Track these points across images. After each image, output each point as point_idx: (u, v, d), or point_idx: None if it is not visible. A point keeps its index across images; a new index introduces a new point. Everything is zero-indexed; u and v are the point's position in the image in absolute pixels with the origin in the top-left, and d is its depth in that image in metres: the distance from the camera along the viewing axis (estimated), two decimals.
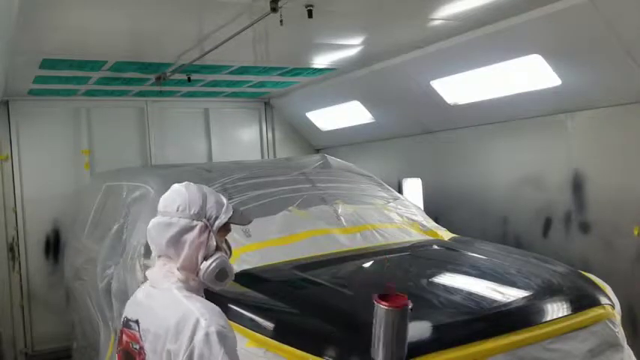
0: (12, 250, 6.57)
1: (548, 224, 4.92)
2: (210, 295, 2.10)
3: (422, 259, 3.57)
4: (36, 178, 6.63)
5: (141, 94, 6.81)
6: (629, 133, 4.26)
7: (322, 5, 3.69)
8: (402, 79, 5.61)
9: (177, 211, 2.01)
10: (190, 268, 2.00)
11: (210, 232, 2.01)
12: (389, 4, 3.87)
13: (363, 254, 3.59)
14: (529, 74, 4.54)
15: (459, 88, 5.30)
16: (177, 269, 1.99)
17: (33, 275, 6.65)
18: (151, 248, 2.11)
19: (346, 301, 2.91)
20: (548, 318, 2.77)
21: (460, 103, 5.42)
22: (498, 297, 2.93)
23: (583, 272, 3.43)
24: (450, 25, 4.37)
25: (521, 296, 2.96)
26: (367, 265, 3.51)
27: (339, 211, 4.00)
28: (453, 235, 4.26)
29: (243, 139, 7.98)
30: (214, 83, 6.46)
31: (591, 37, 3.87)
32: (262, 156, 8.03)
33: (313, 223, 3.78)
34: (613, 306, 3.06)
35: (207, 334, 1.79)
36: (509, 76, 4.73)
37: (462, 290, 3.02)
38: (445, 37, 4.67)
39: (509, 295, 2.95)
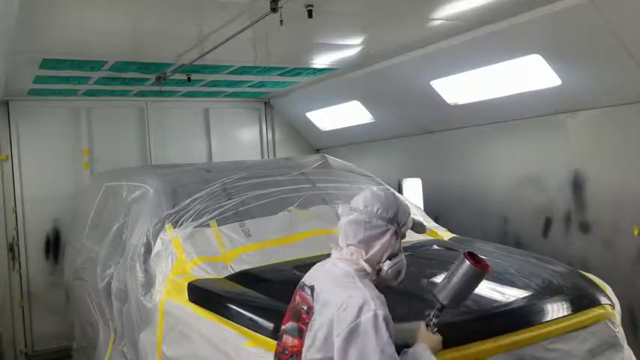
0: (12, 250, 6.57)
1: (548, 224, 4.92)
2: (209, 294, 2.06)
3: (422, 259, 3.56)
4: (36, 178, 6.63)
5: (141, 94, 6.81)
6: (629, 133, 4.26)
7: (322, 5, 3.69)
8: (402, 79, 5.61)
9: (376, 213, 2.25)
10: (374, 263, 2.24)
11: (398, 236, 2.27)
12: (389, 4, 3.87)
13: None
14: (529, 74, 4.54)
15: (458, 88, 5.30)
16: (365, 261, 2.22)
17: (33, 275, 6.65)
18: (340, 237, 2.32)
19: None
20: (548, 318, 2.76)
21: (460, 103, 5.41)
22: (498, 297, 2.93)
23: (583, 272, 3.43)
24: (450, 25, 4.37)
25: (521, 296, 2.96)
26: None
27: (339, 211, 4.00)
28: (453, 235, 4.26)
29: (243, 139, 7.98)
30: (214, 83, 6.46)
31: (591, 37, 3.87)
32: (262, 156, 8.03)
33: (313, 223, 3.77)
34: (613, 306, 3.06)
35: (375, 316, 2.00)
36: (509, 76, 4.73)
37: None
38: (445, 37, 4.67)
39: (509, 295, 2.95)
